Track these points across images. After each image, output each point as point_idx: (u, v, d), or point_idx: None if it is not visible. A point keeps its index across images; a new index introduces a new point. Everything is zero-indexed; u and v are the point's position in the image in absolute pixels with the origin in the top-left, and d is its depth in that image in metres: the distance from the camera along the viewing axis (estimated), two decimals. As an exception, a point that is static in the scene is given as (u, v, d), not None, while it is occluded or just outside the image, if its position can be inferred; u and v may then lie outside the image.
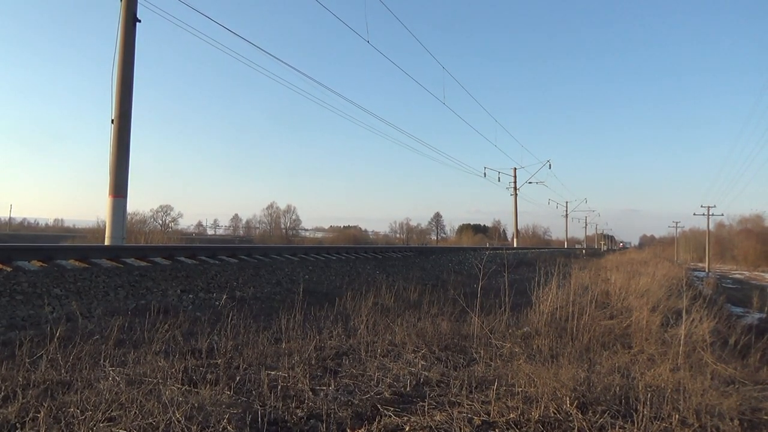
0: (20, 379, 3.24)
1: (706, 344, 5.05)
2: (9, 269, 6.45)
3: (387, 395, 3.29)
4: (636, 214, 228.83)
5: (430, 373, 3.82)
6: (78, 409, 2.71)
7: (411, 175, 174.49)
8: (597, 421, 2.90)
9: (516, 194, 44.30)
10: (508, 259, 20.09)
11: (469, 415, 2.93)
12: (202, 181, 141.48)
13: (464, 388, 3.43)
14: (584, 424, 2.85)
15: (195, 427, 2.52)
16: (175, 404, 2.74)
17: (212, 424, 2.60)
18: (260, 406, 2.93)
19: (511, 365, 4.13)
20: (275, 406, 2.94)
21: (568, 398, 3.14)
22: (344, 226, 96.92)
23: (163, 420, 2.56)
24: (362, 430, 2.74)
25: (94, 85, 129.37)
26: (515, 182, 44.18)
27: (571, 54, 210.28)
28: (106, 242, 11.28)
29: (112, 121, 11.56)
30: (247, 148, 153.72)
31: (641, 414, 2.88)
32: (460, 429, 2.75)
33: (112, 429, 2.50)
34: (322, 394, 3.27)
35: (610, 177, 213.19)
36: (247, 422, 2.68)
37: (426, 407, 3.01)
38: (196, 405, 2.80)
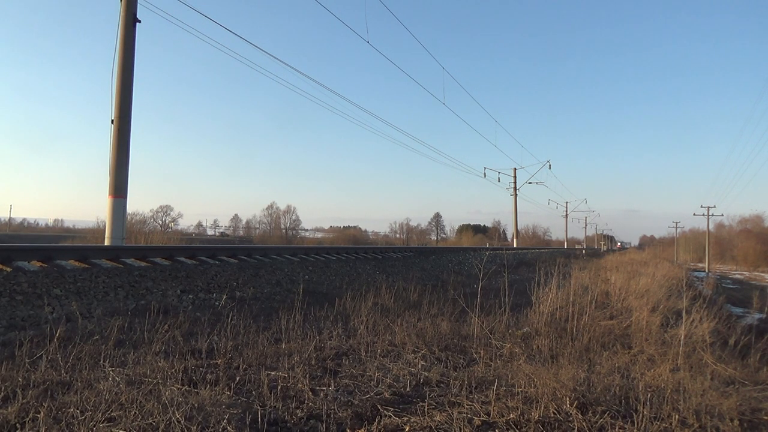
0: (20, 380, 3.24)
1: (706, 344, 5.05)
2: (9, 269, 6.45)
3: (387, 395, 3.29)
4: (636, 214, 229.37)
5: (430, 373, 3.82)
6: (78, 409, 2.71)
7: (411, 176, 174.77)
8: (597, 422, 2.90)
9: (516, 194, 44.31)
10: (508, 259, 20.10)
11: (469, 416, 2.93)
12: (202, 181, 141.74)
13: (464, 389, 3.43)
14: (584, 424, 2.85)
15: (195, 427, 2.52)
16: (175, 404, 2.74)
17: (212, 425, 2.60)
18: (260, 406, 2.93)
19: (511, 365, 4.13)
20: (275, 407, 2.95)
21: (568, 398, 3.14)
22: (344, 227, 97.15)
23: (163, 420, 2.56)
24: (362, 430, 2.74)
25: (94, 85, 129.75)
26: (515, 182, 44.18)
27: (572, 54, 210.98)
28: (106, 242, 11.28)
29: (112, 121, 11.56)
30: (247, 148, 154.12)
31: (641, 414, 2.88)
32: (460, 429, 2.75)
33: (112, 429, 2.50)
34: (322, 394, 3.27)
35: (610, 177, 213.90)
36: (247, 422, 2.68)
37: (426, 407, 3.01)
38: (196, 405, 2.80)
